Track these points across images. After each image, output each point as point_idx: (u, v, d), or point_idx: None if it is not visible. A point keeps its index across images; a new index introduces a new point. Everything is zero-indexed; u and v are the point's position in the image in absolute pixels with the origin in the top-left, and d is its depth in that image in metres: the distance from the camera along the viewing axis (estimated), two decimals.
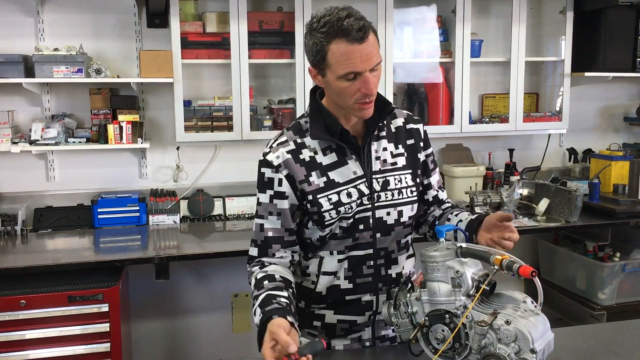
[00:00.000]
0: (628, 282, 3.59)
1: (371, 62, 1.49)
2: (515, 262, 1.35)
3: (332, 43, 1.47)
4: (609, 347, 1.66)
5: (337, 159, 1.62)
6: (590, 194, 3.62)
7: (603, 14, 3.68)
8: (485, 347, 1.35)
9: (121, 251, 3.06)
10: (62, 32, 3.34)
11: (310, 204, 1.61)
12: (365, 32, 1.47)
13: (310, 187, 1.60)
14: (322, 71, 1.54)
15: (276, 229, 1.63)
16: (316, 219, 1.62)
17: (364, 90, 1.51)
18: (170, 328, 3.65)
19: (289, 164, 1.61)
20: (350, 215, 1.62)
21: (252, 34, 3.32)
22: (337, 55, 1.48)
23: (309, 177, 1.61)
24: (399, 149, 1.70)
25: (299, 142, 1.64)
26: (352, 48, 1.46)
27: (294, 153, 1.62)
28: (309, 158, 1.62)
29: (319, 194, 1.60)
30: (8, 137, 3.20)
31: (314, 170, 1.61)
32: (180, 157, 3.60)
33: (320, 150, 1.63)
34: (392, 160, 1.68)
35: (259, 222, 1.65)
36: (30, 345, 2.66)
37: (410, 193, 1.69)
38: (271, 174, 1.62)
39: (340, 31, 1.45)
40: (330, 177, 1.61)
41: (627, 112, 4.36)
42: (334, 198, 1.60)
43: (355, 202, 1.62)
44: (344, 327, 1.71)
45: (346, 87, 1.51)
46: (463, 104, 3.63)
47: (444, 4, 3.68)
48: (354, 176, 1.62)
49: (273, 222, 1.63)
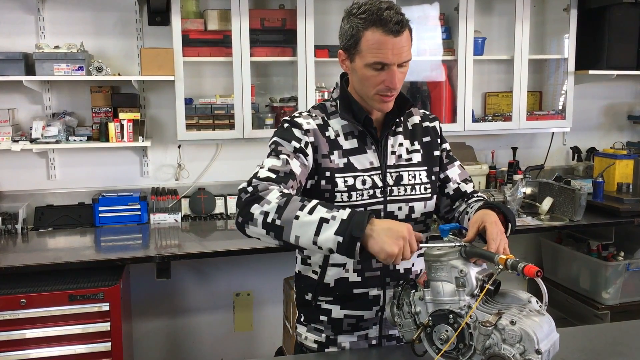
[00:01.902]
0: (632, 282, 3.57)
1: (401, 57, 1.51)
2: (520, 262, 1.33)
3: (368, 30, 1.50)
4: (613, 347, 1.65)
5: (357, 146, 1.65)
6: (594, 192, 3.61)
7: (607, 11, 3.66)
8: (489, 347, 1.33)
9: (122, 250, 3.05)
10: (63, 30, 3.33)
11: (326, 181, 1.61)
12: (402, 26, 1.49)
13: (331, 165, 1.61)
14: (352, 56, 1.56)
15: (297, 174, 1.53)
16: (327, 197, 1.62)
17: (388, 83, 1.53)
18: (172, 327, 3.63)
19: (316, 134, 1.62)
20: (360, 204, 1.62)
21: (254, 31, 3.31)
22: (370, 43, 1.50)
23: (331, 155, 1.62)
24: (414, 146, 1.71)
25: (325, 120, 1.66)
26: (386, 39, 1.48)
27: (321, 128, 1.64)
28: (333, 137, 1.64)
29: (337, 174, 1.61)
30: (9, 135, 3.19)
31: (336, 149, 1.63)
32: (182, 155, 3.59)
33: (343, 134, 1.65)
34: (407, 156, 1.69)
35: (283, 157, 1.53)
36: (30, 345, 2.65)
37: (424, 190, 1.69)
38: (300, 134, 1.60)
39: (379, 20, 1.48)
40: (350, 160, 1.63)
41: (631, 110, 4.34)
42: (349, 181, 1.62)
43: (367, 192, 1.63)
44: (351, 322, 1.69)
45: (371, 76, 1.54)
46: (466, 102, 3.62)
47: (446, 2, 3.66)
48: (370, 166, 1.64)
49: (296, 167, 1.54)
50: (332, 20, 3.56)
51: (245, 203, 1.43)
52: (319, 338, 1.73)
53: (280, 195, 1.42)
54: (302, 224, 1.37)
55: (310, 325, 1.74)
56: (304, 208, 1.38)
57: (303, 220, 1.37)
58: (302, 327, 1.77)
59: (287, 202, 1.39)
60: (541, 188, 3.60)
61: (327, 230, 1.35)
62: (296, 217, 1.38)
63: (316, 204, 1.40)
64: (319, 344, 1.73)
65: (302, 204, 1.40)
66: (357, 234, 1.33)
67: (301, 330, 1.78)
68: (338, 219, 1.35)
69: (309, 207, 1.39)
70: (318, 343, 1.73)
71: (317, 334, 1.73)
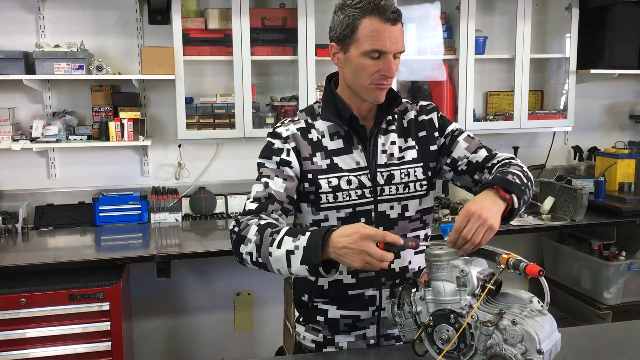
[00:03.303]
0: (634, 282, 3.56)
1: (397, 46, 1.53)
2: (522, 261, 1.32)
3: (365, 18, 1.51)
4: (614, 347, 1.64)
5: (343, 146, 1.64)
6: (596, 192, 3.60)
7: (609, 10, 3.65)
8: (490, 347, 1.32)
9: (122, 249, 3.04)
10: (63, 29, 3.33)
11: (309, 183, 1.62)
12: (398, 15, 1.53)
13: (312, 167, 1.62)
14: (347, 46, 1.56)
15: (279, 192, 1.59)
16: (312, 199, 1.63)
17: (384, 71, 1.53)
18: (172, 327, 3.63)
19: (297, 138, 1.63)
20: (349, 205, 1.61)
21: (255, 30, 3.30)
22: (368, 31, 1.51)
23: (313, 157, 1.62)
24: (408, 142, 1.69)
25: (309, 122, 1.67)
26: (384, 27, 1.50)
27: (303, 131, 1.65)
28: (316, 139, 1.64)
29: (320, 175, 1.61)
30: (9, 134, 3.19)
31: (319, 151, 1.63)
32: (182, 154, 3.58)
33: (328, 135, 1.65)
34: (399, 155, 1.67)
35: (264, 181, 1.60)
36: (30, 344, 2.64)
37: (419, 187, 1.67)
38: (280, 144, 1.63)
39: (376, 8, 1.50)
40: (334, 161, 1.63)
41: (632, 109, 4.33)
42: (334, 182, 1.61)
43: (355, 192, 1.61)
44: (347, 322, 1.69)
45: (368, 65, 1.54)
46: (467, 101, 3.61)
47: (448, 1, 3.65)
48: (356, 166, 1.63)
49: (278, 185, 1.60)
50: None
51: (234, 244, 1.53)
52: (316, 338, 1.73)
53: (257, 231, 1.48)
54: (276, 260, 1.44)
55: (308, 325, 1.74)
56: (273, 242, 1.44)
57: (275, 255, 1.44)
58: (300, 327, 1.78)
59: (262, 239, 1.46)
60: (542, 188, 3.59)
61: (295, 261, 1.41)
62: (269, 253, 1.44)
63: (283, 235, 1.44)
64: (317, 343, 1.73)
65: (271, 238, 1.45)
66: (316, 262, 1.38)
67: (300, 330, 1.78)
68: (300, 248, 1.40)
69: (277, 239, 1.44)
70: (316, 343, 1.73)
71: (314, 334, 1.73)
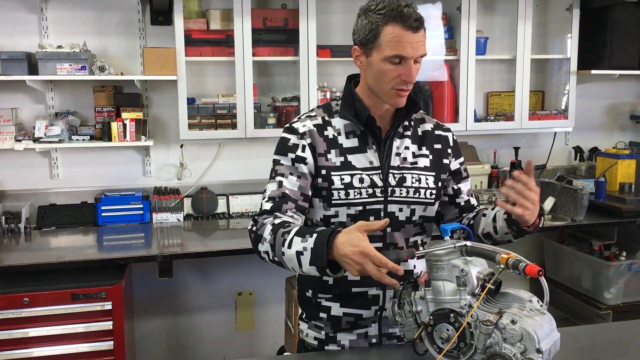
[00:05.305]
0: (634, 282, 3.57)
1: (418, 52, 1.56)
2: (522, 261, 1.33)
3: (388, 24, 1.54)
4: (615, 347, 1.64)
5: (357, 145, 1.67)
6: (596, 192, 3.60)
7: (610, 11, 3.65)
8: (490, 346, 1.33)
9: (124, 249, 3.05)
10: (65, 30, 3.34)
11: (322, 179, 1.64)
12: (421, 23, 1.56)
13: (327, 163, 1.64)
14: (369, 51, 1.58)
15: (293, 190, 1.62)
16: (324, 194, 1.65)
17: (405, 77, 1.56)
18: (174, 326, 3.64)
19: (313, 135, 1.65)
20: (359, 203, 1.63)
21: (256, 31, 3.31)
22: (390, 37, 1.53)
23: (328, 154, 1.65)
24: (422, 151, 1.73)
25: (326, 120, 1.69)
26: (405, 33, 1.53)
27: (320, 127, 1.67)
28: (332, 136, 1.67)
29: (333, 172, 1.64)
30: (12, 134, 3.20)
31: (333, 148, 1.66)
32: (184, 154, 3.59)
33: (344, 133, 1.67)
34: (412, 160, 1.70)
35: (278, 180, 1.64)
36: (33, 343, 2.65)
37: (429, 195, 1.70)
38: (296, 140, 1.66)
39: (399, 16, 1.53)
40: (348, 159, 1.65)
41: (633, 110, 4.33)
42: (346, 179, 1.63)
43: (366, 190, 1.64)
44: (350, 320, 1.70)
45: (389, 70, 1.56)
46: (468, 101, 3.62)
47: (449, 1, 3.66)
48: (369, 165, 1.66)
49: (292, 183, 1.63)
50: (334, 20, 3.57)
51: (253, 243, 1.59)
52: (318, 335, 1.74)
53: (271, 231, 1.52)
54: (288, 259, 1.48)
55: (311, 322, 1.76)
56: (284, 243, 1.48)
57: (287, 255, 1.48)
58: (303, 324, 1.79)
59: (275, 238, 1.50)
60: (543, 188, 3.59)
61: (304, 262, 1.44)
62: (282, 252, 1.49)
63: (293, 235, 1.47)
64: (319, 340, 1.74)
65: (283, 238, 1.48)
66: (322, 264, 1.41)
67: (303, 327, 1.80)
68: (308, 250, 1.43)
69: (288, 240, 1.47)
70: (318, 340, 1.75)
71: (317, 331, 1.75)
